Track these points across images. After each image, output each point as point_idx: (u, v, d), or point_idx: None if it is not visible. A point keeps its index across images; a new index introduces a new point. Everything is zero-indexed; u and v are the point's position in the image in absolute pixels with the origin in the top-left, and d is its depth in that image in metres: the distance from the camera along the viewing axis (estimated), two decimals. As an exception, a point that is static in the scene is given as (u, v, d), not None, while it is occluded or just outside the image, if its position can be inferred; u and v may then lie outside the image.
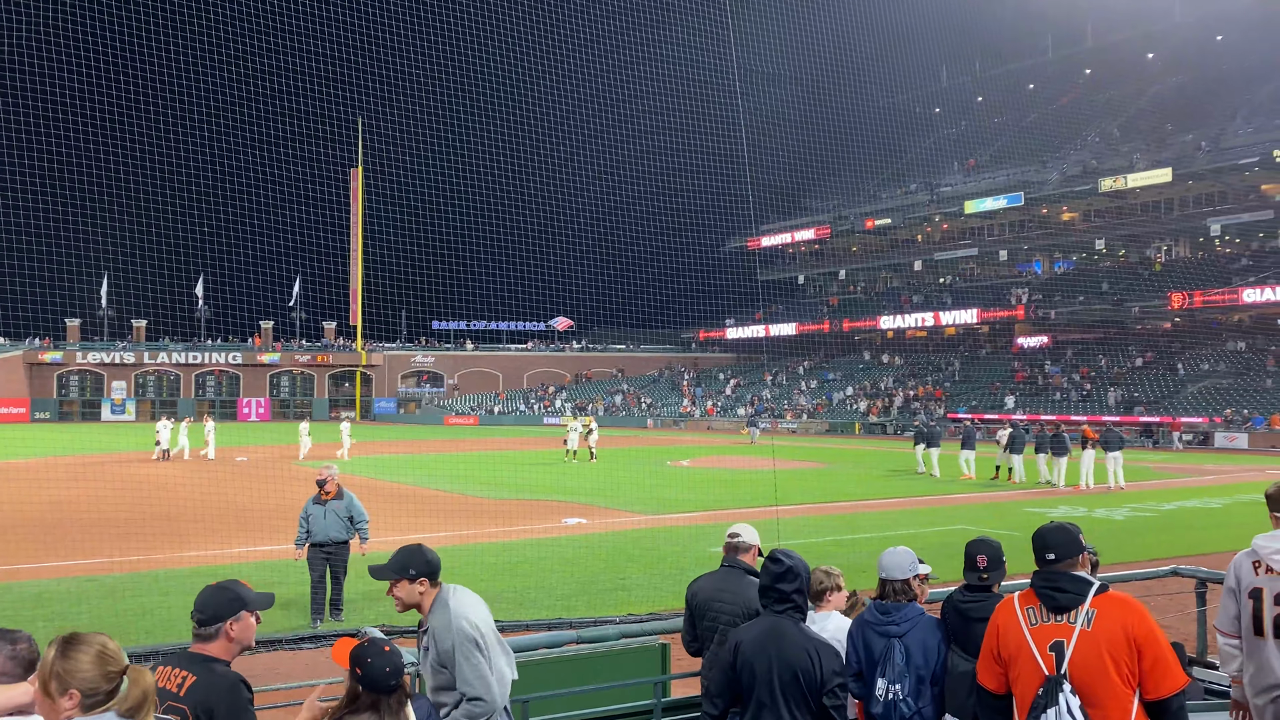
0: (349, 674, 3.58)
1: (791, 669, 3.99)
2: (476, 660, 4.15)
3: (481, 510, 20.64)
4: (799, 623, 4.17)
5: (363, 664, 3.49)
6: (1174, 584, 8.88)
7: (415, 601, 4.26)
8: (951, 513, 20.86)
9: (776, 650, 4.05)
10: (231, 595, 3.54)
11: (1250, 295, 52.31)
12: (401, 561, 4.27)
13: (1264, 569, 4.23)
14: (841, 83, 59.26)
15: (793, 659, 4.00)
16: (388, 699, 3.50)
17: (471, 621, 4.21)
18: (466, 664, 4.14)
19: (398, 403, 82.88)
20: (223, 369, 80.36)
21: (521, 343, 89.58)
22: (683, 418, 70.18)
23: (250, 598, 3.57)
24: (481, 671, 4.15)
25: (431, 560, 4.29)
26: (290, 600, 11.60)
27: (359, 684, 3.48)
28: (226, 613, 3.50)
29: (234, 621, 3.50)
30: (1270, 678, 4.09)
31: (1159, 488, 26.21)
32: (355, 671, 3.50)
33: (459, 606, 4.24)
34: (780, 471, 27.16)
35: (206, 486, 24.71)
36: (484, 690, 4.14)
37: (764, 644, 4.10)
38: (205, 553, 15.45)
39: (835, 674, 4.02)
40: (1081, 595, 3.48)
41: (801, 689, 3.97)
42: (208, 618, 3.50)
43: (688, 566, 13.29)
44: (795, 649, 4.02)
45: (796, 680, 3.97)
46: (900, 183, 77.11)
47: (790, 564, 4.18)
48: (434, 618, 4.24)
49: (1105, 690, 3.37)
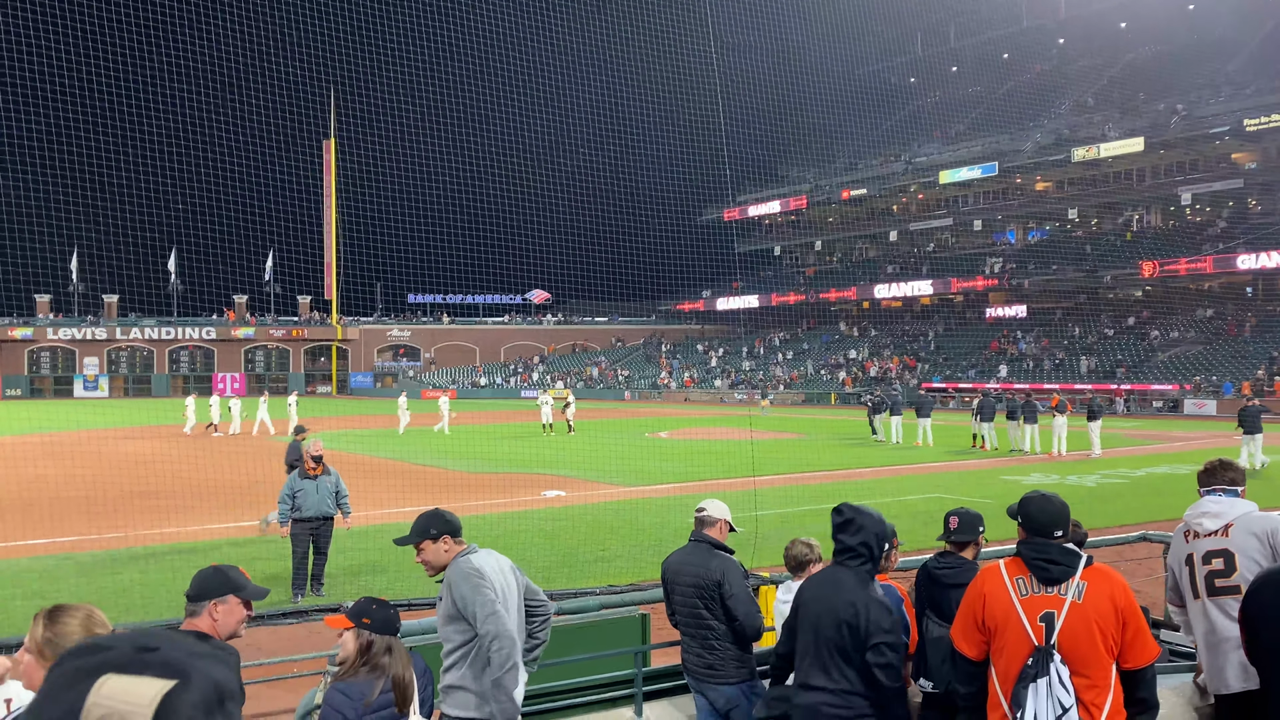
0: (355, 631, 3.79)
1: (836, 620, 3.97)
2: (487, 597, 4.17)
3: (460, 484, 20.66)
4: (861, 575, 4.08)
5: (368, 613, 3.81)
6: (1143, 549, 9.08)
7: (442, 561, 4.36)
8: (927, 481, 21.11)
9: (828, 600, 4.04)
10: (222, 577, 3.59)
11: (1220, 263, 53.08)
12: (422, 525, 4.37)
13: (1192, 535, 4.48)
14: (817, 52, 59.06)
15: (839, 610, 3.98)
16: (398, 641, 3.80)
17: (477, 568, 4.27)
18: (477, 599, 4.17)
19: (374, 377, 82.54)
20: (196, 344, 79.68)
21: (498, 316, 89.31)
22: (660, 389, 70.36)
23: (241, 583, 3.61)
24: (494, 609, 4.16)
25: (451, 519, 4.40)
26: (271, 576, 11.61)
27: (370, 632, 3.74)
28: (212, 592, 3.54)
29: (219, 603, 3.53)
30: (1217, 634, 4.24)
31: (1130, 454, 26.61)
32: (363, 622, 3.76)
33: (477, 558, 4.34)
34: (757, 442, 27.35)
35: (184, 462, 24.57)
36: (496, 625, 4.13)
37: (820, 592, 4.12)
38: (184, 529, 15.40)
39: (883, 631, 3.92)
40: (1072, 568, 3.54)
41: (844, 641, 3.95)
42: (194, 594, 3.56)
43: (667, 538, 13.40)
44: (844, 600, 3.99)
45: (840, 631, 3.96)
46: (876, 153, 77.16)
47: (850, 515, 4.13)
48: (450, 569, 4.33)
49: (1092, 660, 3.46)
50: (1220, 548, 4.34)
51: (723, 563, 4.95)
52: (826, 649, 3.99)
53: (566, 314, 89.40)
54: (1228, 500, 4.46)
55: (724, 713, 4.90)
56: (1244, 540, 4.28)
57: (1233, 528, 4.34)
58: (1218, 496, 4.50)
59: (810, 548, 5.21)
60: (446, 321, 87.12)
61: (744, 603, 4.86)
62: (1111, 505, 16.97)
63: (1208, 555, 4.38)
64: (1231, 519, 4.37)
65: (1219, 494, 4.53)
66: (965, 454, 27.33)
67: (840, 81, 67.07)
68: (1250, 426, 22.37)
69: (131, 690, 0.87)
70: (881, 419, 31.41)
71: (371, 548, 13.56)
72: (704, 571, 4.93)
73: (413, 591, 10.80)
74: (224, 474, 21.13)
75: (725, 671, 4.89)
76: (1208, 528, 4.41)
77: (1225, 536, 4.34)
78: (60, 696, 0.88)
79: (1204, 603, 4.35)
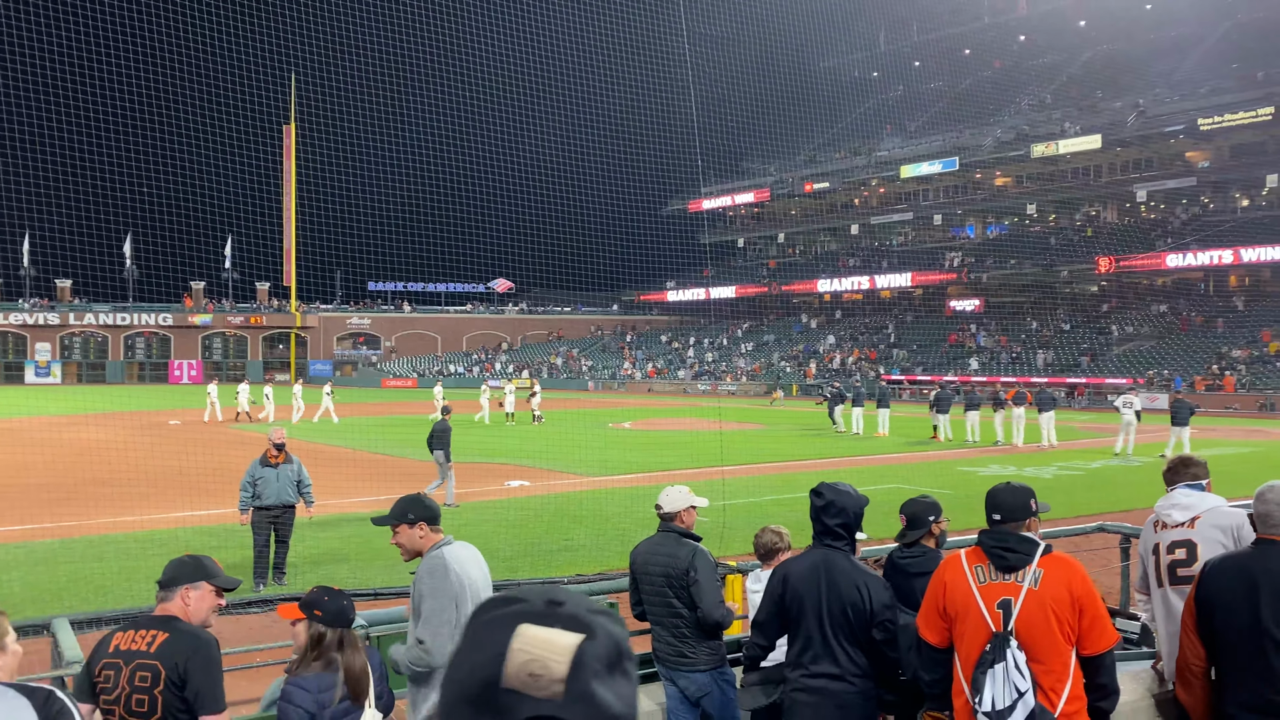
0: (306, 622, 3.74)
1: (841, 603, 4.00)
2: (440, 603, 4.18)
3: (422, 473, 20.55)
4: (849, 556, 4.15)
5: (320, 605, 3.74)
6: (1099, 539, 9.26)
7: (417, 547, 4.38)
8: (885, 472, 21.34)
9: (827, 583, 4.05)
10: (196, 564, 3.59)
11: (1173, 260, 54.17)
12: (401, 509, 4.40)
13: (1161, 525, 4.62)
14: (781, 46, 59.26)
15: (843, 592, 4.00)
16: (351, 633, 3.74)
17: (444, 565, 4.26)
18: (432, 602, 4.19)
19: (334, 365, 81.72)
20: (152, 330, 78.37)
21: (461, 304, 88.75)
22: (623, 380, 70.39)
23: (215, 571, 3.62)
24: (439, 620, 4.16)
25: (430, 506, 4.45)
26: (233, 565, 11.49)
27: (322, 624, 3.68)
28: (185, 577, 3.54)
29: (190, 588, 3.53)
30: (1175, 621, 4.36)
31: (1086, 446, 27.08)
32: (315, 614, 3.70)
33: (450, 553, 4.33)
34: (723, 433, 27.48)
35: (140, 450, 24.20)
36: (429, 635, 4.15)
37: (813, 576, 4.11)
38: (142, 517, 15.19)
39: (885, 607, 4.01)
40: (1029, 556, 3.61)
41: (850, 623, 3.99)
42: (166, 580, 3.55)
43: (631, 528, 13.45)
44: (845, 582, 4.02)
45: (846, 614, 3.99)
46: (838, 147, 77.63)
47: (831, 497, 4.16)
48: (423, 561, 4.35)
49: (1049, 647, 3.53)
50: (1185, 538, 4.47)
51: (692, 551, 4.97)
52: (834, 634, 4.02)
53: (530, 303, 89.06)
54: (1197, 494, 4.59)
55: (695, 700, 4.93)
56: (1209, 533, 4.41)
57: (1199, 520, 4.47)
58: (1188, 490, 4.63)
59: (780, 536, 5.25)
60: (407, 310, 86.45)
61: (708, 592, 4.87)
62: (1069, 497, 17.25)
63: (1172, 545, 4.51)
64: (1199, 512, 4.50)
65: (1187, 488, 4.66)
66: (923, 445, 27.67)
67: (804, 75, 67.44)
68: (1179, 419, 23.50)
69: (550, 640, 0.93)
70: (842, 409, 31.88)
71: (333, 536, 13.48)
72: (673, 560, 4.95)
73: (376, 580, 10.76)
74: (182, 461, 20.83)
75: (696, 659, 4.91)
76: (1176, 519, 4.54)
77: (1191, 528, 4.48)
78: (485, 641, 0.95)
79: (1165, 590, 4.48)
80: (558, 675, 0.91)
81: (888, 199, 74.93)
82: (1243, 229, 54.83)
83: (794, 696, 4.11)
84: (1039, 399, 27.35)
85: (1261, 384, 44.48)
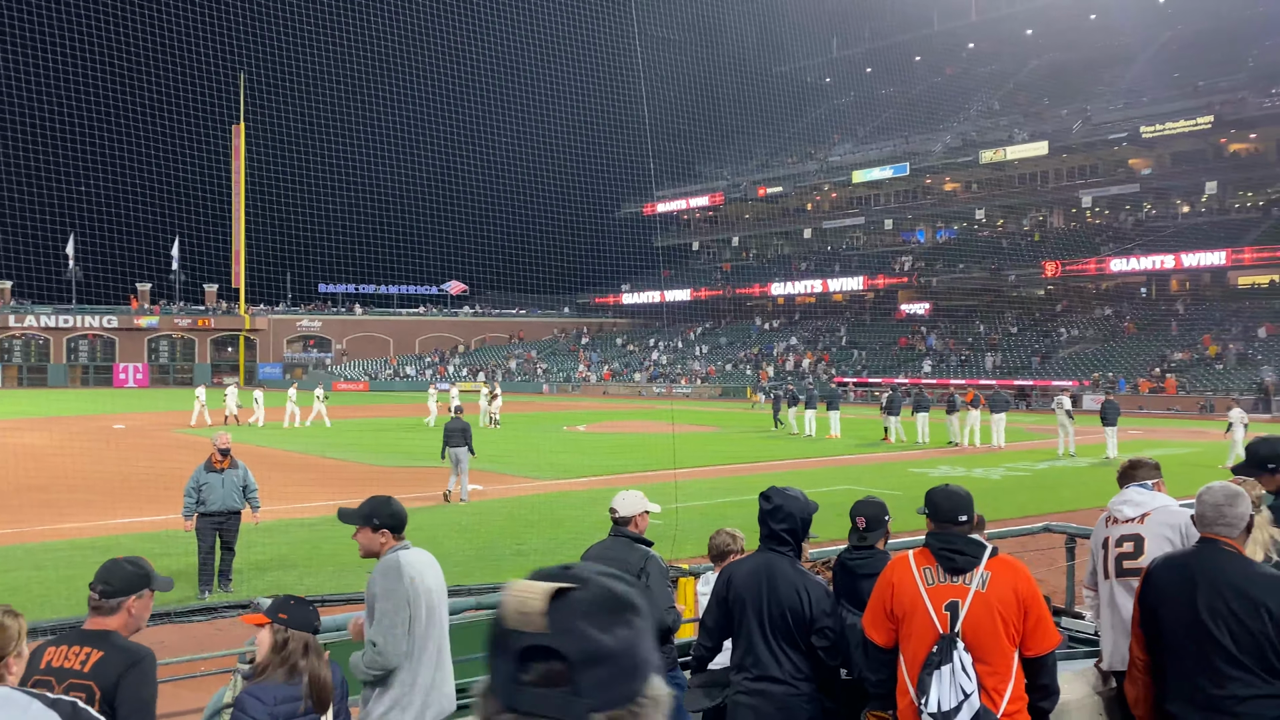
0: (270, 627, 3.70)
1: (781, 607, 4.00)
2: (392, 605, 4.14)
3: (373, 478, 20.35)
4: (793, 561, 4.14)
5: (285, 610, 3.74)
6: (1045, 540, 9.40)
7: (374, 550, 4.36)
8: (838, 473, 21.51)
9: (768, 587, 4.04)
10: (141, 571, 3.50)
11: (1117, 265, 55.44)
12: (369, 510, 4.37)
13: (1112, 520, 4.73)
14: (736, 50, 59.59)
15: (783, 597, 4.00)
16: (316, 640, 3.70)
17: (398, 567, 4.22)
18: (385, 604, 4.15)
19: (283, 368, 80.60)
20: (96, 333, 76.71)
21: (413, 307, 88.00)
22: (578, 382, 70.25)
23: (156, 576, 3.54)
24: (391, 620, 4.13)
25: (397, 513, 4.41)
26: (176, 572, 11.26)
27: (287, 628, 3.65)
28: (133, 587, 3.45)
29: (137, 598, 3.45)
30: (1120, 614, 4.44)
31: (1034, 448, 27.52)
32: (280, 617, 3.66)
33: (406, 557, 4.29)
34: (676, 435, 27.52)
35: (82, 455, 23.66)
36: (380, 636, 4.11)
37: (755, 580, 4.10)
38: (83, 524, 14.83)
39: (826, 614, 4.00)
40: (977, 558, 3.65)
41: (790, 627, 3.99)
42: (114, 590, 3.44)
43: (586, 531, 13.41)
44: (786, 587, 4.01)
45: (785, 619, 3.99)
46: (791, 151, 78.24)
47: (779, 502, 4.14)
48: (378, 564, 4.31)
49: (994, 648, 3.57)
50: (1134, 533, 4.57)
51: (643, 556, 4.95)
52: (774, 638, 4.02)
53: (484, 305, 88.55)
54: (1149, 493, 4.73)
55: (644, 704, 4.90)
56: (1157, 529, 4.51)
57: (1149, 517, 4.57)
58: (1140, 489, 4.76)
59: (734, 538, 5.25)
60: (359, 312, 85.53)
61: (659, 597, 4.85)
62: (1016, 498, 17.52)
63: (1121, 539, 4.61)
64: (1150, 509, 4.61)
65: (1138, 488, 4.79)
66: (875, 447, 27.95)
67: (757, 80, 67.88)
68: (1108, 419, 24.46)
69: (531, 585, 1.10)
70: (795, 411, 32.21)
71: (281, 542, 13.27)
72: (625, 565, 4.91)
73: (324, 587, 10.61)
74: (126, 466, 20.40)
75: (646, 662, 4.88)
76: (1127, 514, 4.65)
77: (1141, 524, 4.58)
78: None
79: (1112, 582, 4.57)
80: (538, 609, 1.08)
81: (840, 203, 75.68)
82: (1184, 234, 56.19)
83: (737, 699, 4.11)
84: (992, 400, 28.01)
85: (1201, 386, 45.54)
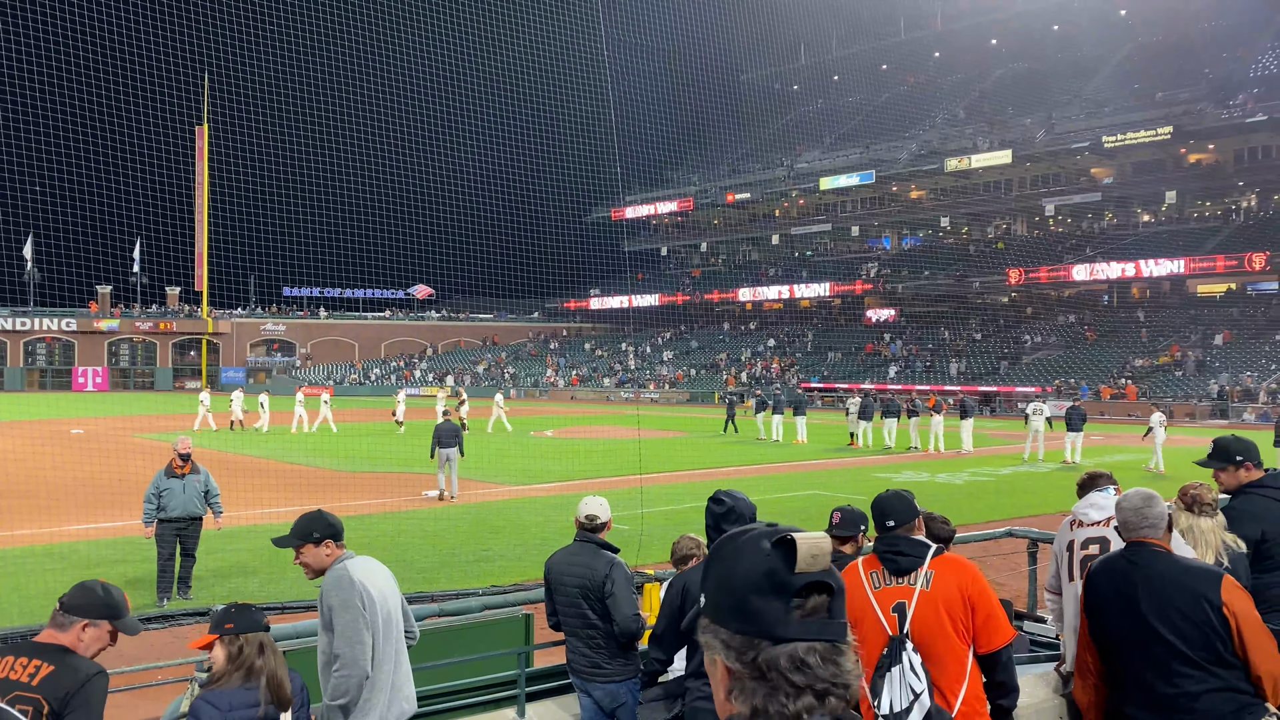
0: (220, 639, 3.63)
1: None
2: (352, 616, 4.08)
3: (336, 483, 20.15)
4: None
5: (229, 618, 3.65)
6: (1008, 544, 9.46)
7: (323, 565, 4.23)
8: (807, 478, 21.59)
9: None
10: (107, 600, 3.42)
11: (1079, 272, 56.21)
12: (304, 527, 4.22)
13: (1077, 524, 4.83)
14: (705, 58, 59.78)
15: None
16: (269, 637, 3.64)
17: (350, 579, 4.14)
18: (344, 616, 4.08)
19: (247, 372, 79.65)
20: (55, 336, 75.43)
21: (379, 311, 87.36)
22: (545, 387, 70.05)
23: (121, 612, 3.44)
24: (355, 631, 4.07)
25: (334, 522, 4.27)
26: (135, 579, 11.09)
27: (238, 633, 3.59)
28: (90, 613, 3.36)
29: (89, 624, 3.36)
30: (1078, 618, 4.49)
31: (997, 453, 27.80)
32: (226, 627, 3.60)
33: (354, 566, 4.21)
34: (643, 440, 27.51)
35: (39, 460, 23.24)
36: (350, 650, 4.05)
37: None
38: (39, 530, 14.56)
39: None
40: (920, 558, 3.66)
41: None
42: (72, 607, 3.37)
43: (551, 536, 13.35)
44: None
45: None
46: (759, 158, 78.63)
47: (730, 504, 4.07)
48: (326, 576, 4.20)
49: (944, 647, 3.57)
50: (1100, 535, 4.66)
51: (609, 562, 4.92)
52: None
53: (451, 310, 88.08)
54: (1113, 497, 4.77)
55: (610, 711, 4.89)
56: None
57: (1114, 520, 4.59)
58: (1104, 493, 4.85)
59: (698, 544, 5.23)
60: (324, 315, 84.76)
61: (623, 604, 4.83)
62: (979, 502, 17.68)
63: (1086, 541, 4.70)
64: (1114, 513, 4.62)
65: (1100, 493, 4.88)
66: (842, 452, 28.10)
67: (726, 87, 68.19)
68: (1073, 425, 24.74)
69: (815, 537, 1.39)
70: (763, 417, 32.35)
71: (242, 549, 13.09)
72: (590, 571, 4.89)
73: (286, 594, 10.48)
74: (84, 471, 20.05)
75: (611, 669, 4.87)
76: (1092, 518, 4.75)
77: (1106, 526, 4.65)
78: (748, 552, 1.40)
79: (1076, 584, 4.63)
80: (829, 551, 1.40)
81: (807, 210, 76.15)
82: (1144, 243, 57.08)
83: (696, 706, 4.07)
84: (962, 406, 28.61)
85: (1160, 392, 46.23)
